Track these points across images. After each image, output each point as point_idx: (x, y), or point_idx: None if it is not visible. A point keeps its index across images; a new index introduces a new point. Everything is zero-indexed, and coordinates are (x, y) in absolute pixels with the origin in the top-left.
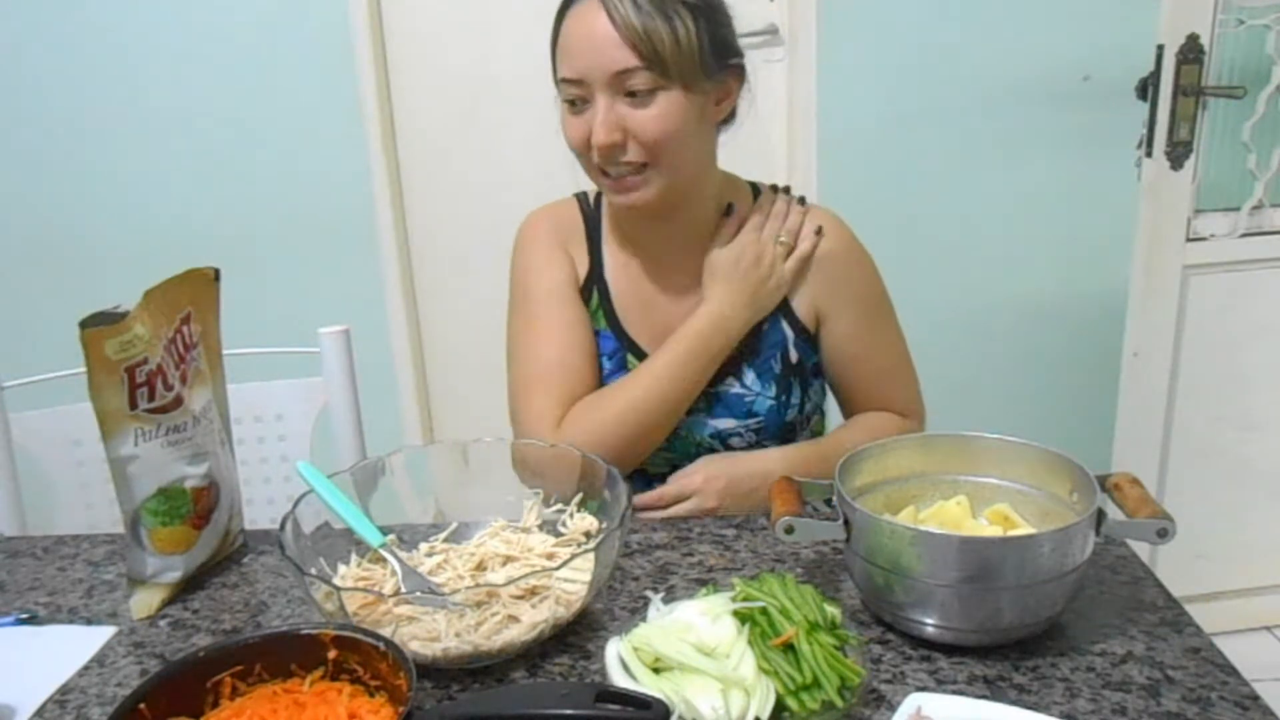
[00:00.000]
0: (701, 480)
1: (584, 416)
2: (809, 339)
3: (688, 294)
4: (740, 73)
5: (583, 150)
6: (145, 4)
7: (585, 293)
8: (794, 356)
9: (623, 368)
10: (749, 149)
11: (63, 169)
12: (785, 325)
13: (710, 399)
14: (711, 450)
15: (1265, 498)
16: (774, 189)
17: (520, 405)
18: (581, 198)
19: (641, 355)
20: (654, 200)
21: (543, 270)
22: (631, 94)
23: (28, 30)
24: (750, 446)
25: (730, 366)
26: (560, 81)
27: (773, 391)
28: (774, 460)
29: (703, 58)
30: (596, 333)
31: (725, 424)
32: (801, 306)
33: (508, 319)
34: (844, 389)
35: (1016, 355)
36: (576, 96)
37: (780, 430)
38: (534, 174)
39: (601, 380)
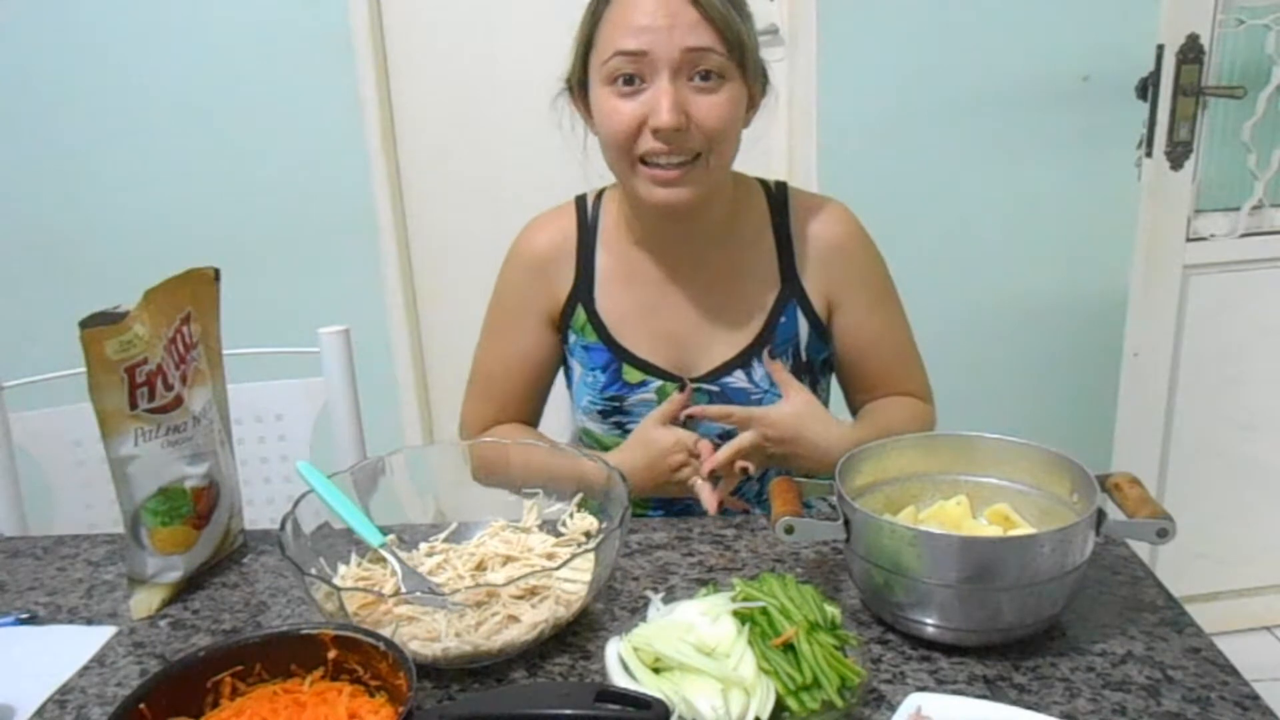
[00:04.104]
0: (767, 437)
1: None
2: (822, 333)
3: (693, 295)
4: (767, 82)
5: (629, 136)
6: (145, 4)
7: (567, 311)
8: (804, 355)
9: (618, 378)
10: (750, 149)
11: (63, 169)
12: (801, 316)
13: (714, 397)
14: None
15: (1265, 498)
16: (780, 185)
17: (464, 401)
18: (580, 202)
19: (638, 363)
20: (694, 199)
21: (515, 294)
22: (695, 77)
23: (27, 30)
24: None
25: (739, 359)
26: (613, 56)
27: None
28: (835, 441)
29: (757, 59)
30: (585, 347)
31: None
32: (816, 297)
33: (487, 308)
34: (857, 379)
35: (1016, 355)
36: (632, 73)
37: None
38: (534, 174)
39: (545, 394)
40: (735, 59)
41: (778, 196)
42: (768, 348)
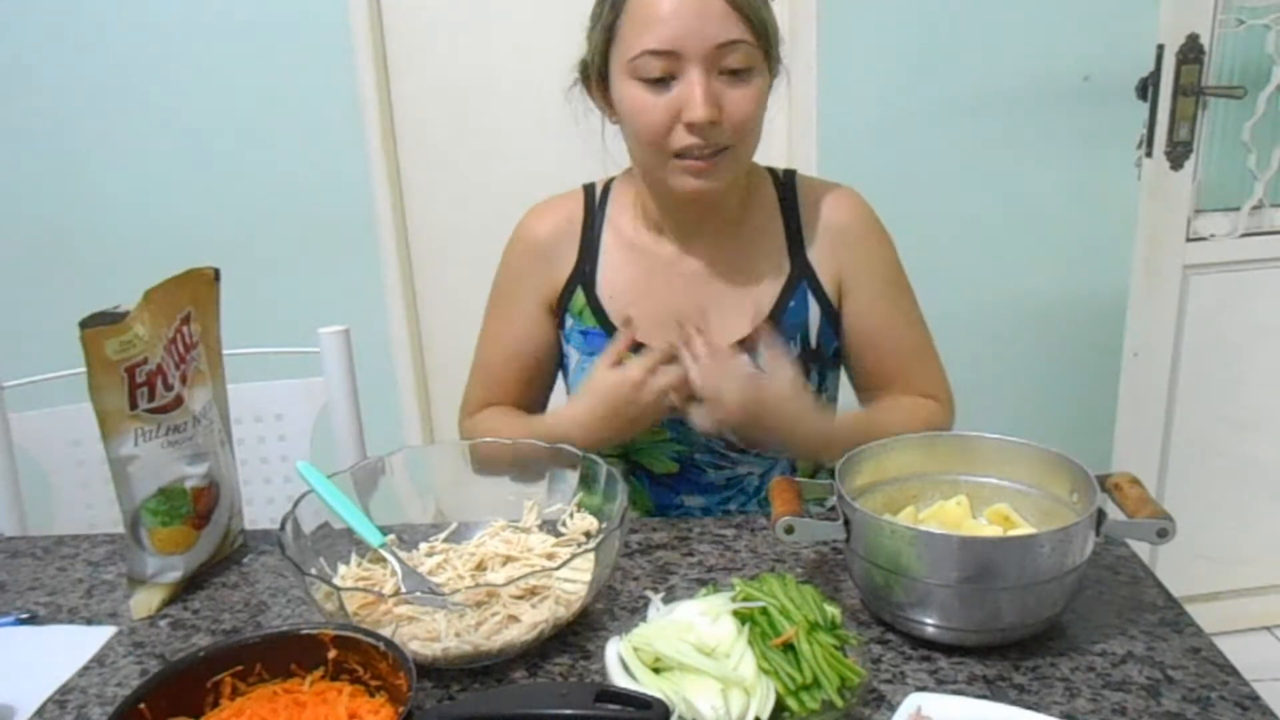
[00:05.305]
0: (732, 410)
1: (486, 426)
2: (833, 319)
3: (701, 281)
4: (779, 64)
5: (663, 131)
6: (145, 4)
7: (566, 294)
8: (815, 341)
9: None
10: None
11: (63, 169)
12: (812, 299)
13: None
14: (721, 439)
15: (1265, 498)
16: (788, 172)
17: (466, 385)
18: (589, 189)
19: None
20: (723, 187)
21: (513, 277)
22: (726, 71)
23: (28, 31)
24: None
25: (747, 343)
26: (640, 55)
27: None
28: (810, 424)
29: (778, 43)
30: (583, 332)
31: None
32: (827, 279)
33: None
34: (864, 373)
35: (1016, 355)
36: (662, 72)
37: None
38: (534, 173)
39: (548, 384)
40: (763, 48)
41: (786, 183)
42: (763, 321)
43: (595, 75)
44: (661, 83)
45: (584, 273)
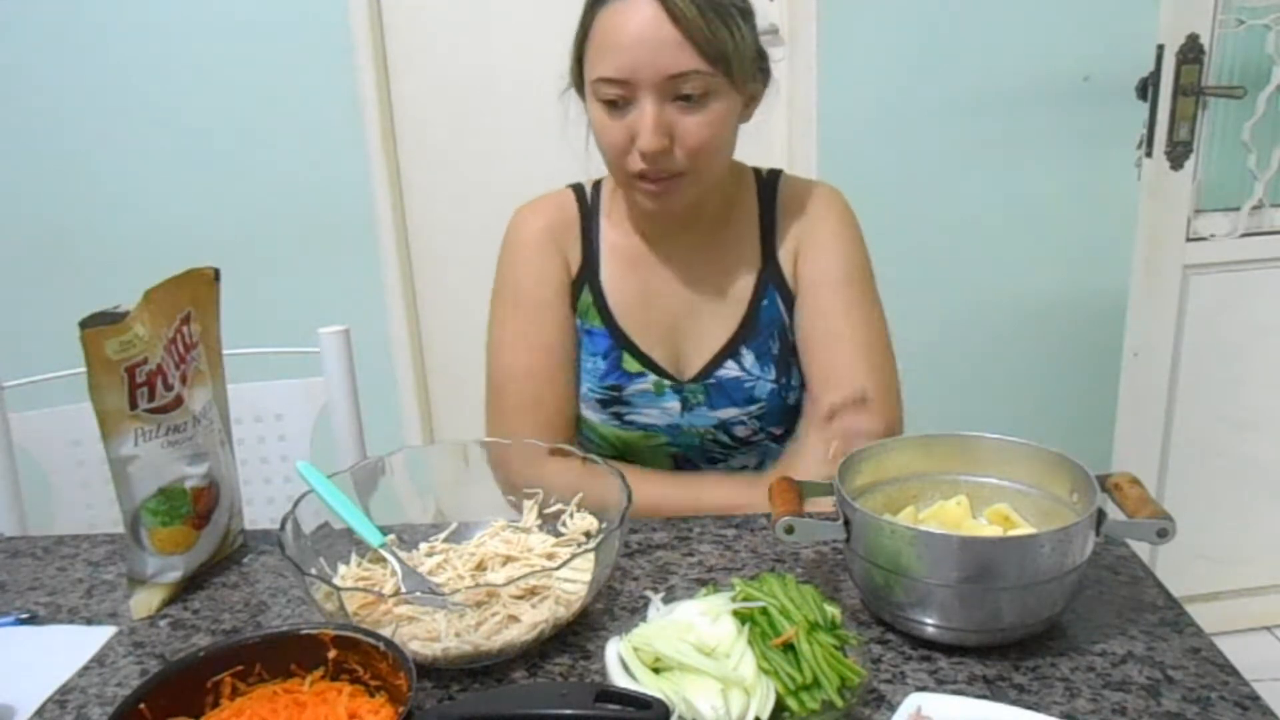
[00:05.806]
0: None
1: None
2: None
3: (687, 286)
4: (768, 75)
5: (620, 154)
6: (145, 4)
7: (576, 290)
8: (791, 338)
9: (618, 367)
10: (749, 150)
11: (63, 169)
12: (779, 298)
13: (710, 389)
14: (715, 441)
15: (1265, 497)
16: (772, 173)
17: (501, 422)
18: (577, 189)
19: (637, 353)
20: (682, 208)
21: (533, 274)
22: (681, 97)
23: (28, 31)
24: (754, 434)
25: (729, 348)
26: (597, 81)
27: (772, 374)
28: None
29: (752, 60)
30: (589, 331)
31: (728, 413)
32: (787, 268)
33: (491, 314)
34: (806, 360)
35: (1016, 355)
36: (617, 97)
37: (782, 415)
38: (533, 174)
39: (577, 383)
40: (722, 72)
41: (768, 182)
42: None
43: (577, 85)
44: (619, 105)
45: (590, 272)
